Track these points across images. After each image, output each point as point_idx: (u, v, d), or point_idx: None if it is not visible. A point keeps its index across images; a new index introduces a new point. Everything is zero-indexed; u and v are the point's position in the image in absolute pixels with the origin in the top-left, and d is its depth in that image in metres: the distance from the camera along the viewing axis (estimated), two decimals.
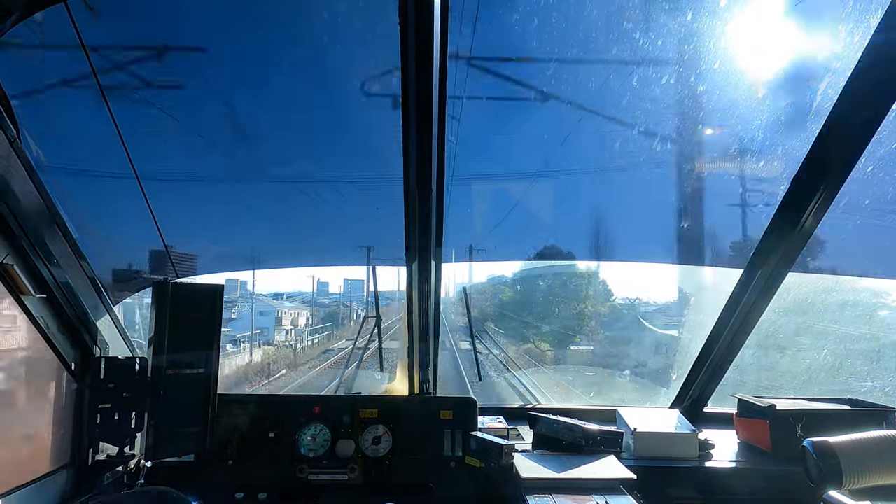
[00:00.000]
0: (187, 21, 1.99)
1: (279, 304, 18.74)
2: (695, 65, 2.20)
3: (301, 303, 20.71)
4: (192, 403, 1.88)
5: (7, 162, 1.52)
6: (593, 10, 2.20)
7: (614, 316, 12.97)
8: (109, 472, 1.83)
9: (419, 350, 2.38)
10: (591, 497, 1.59)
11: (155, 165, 2.18)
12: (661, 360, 5.97)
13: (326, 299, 22.97)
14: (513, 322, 15.57)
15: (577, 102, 2.55)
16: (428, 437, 2.09)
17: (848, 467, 1.38)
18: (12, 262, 1.56)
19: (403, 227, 2.08)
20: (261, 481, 1.98)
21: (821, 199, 1.92)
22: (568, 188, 3.33)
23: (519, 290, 16.56)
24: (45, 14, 1.47)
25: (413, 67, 1.57)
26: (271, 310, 17.82)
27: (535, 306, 15.01)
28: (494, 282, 16.57)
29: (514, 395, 6.04)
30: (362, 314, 15.17)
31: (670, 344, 5.32)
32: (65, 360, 1.82)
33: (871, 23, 1.61)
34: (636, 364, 7.25)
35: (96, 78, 1.67)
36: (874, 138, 1.76)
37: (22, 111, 1.56)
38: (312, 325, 20.14)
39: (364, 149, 2.62)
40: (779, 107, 2.23)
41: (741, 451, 2.26)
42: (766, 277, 2.19)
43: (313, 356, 14.11)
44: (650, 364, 6.34)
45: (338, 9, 2.03)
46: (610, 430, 2.03)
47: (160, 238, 2.07)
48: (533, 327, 14.75)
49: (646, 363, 6.65)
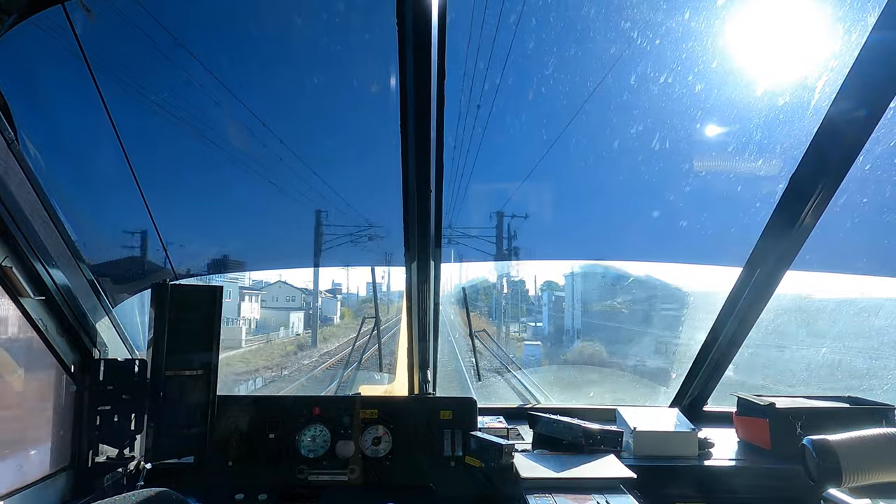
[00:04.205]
0: (185, 21, 1.99)
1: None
2: (692, 63, 2.20)
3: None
4: (192, 405, 1.88)
5: (5, 164, 1.51)
6: (591, 8, 2.20)
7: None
8: (109, 474, 1.82)
9: (419, 350, 2.38)
10: (592, 496, 1.59)
11: (154, 166, 2.18)
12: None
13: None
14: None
15: (576, 103, 2.56)
16: (428, 437, 2.09)
17: (847, 465, 1.38)
18: (11, 265, 1.56)
19: (402, 228, 2.08)
20: (261, 482, 1.97)
21: (819, 197, 1.92)
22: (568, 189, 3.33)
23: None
24: (43, 15, 1.47)
25: (411, 67, 1.57)
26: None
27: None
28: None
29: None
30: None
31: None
32: (64, 362, 1.81)
33: (869, 21, 1.62)
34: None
35: (94, 79, 1.67)
36: (872, 136, 1.76)
37: (20, 113, 1.56)
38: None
39: (364, 148, 2.62)
40: (776, 105, 2.23)
41: (741, 449, 2.26)
42: (764, 276, 2.19)
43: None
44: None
45: (337, 9, 2.03)
46: (610, 430, 2.03)
47: (159, 239, 2.07)
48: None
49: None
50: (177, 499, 1.37)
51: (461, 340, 11.92)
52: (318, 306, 18.39)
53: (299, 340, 18.18)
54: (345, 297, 24.30)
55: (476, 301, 19.87)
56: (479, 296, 20.10)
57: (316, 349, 16.90)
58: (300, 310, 19.60)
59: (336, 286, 24.79)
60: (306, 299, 20.51)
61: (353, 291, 24.93)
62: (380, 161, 2.39)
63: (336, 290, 24.38)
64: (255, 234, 3.14)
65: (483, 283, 19.76)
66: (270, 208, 2.93)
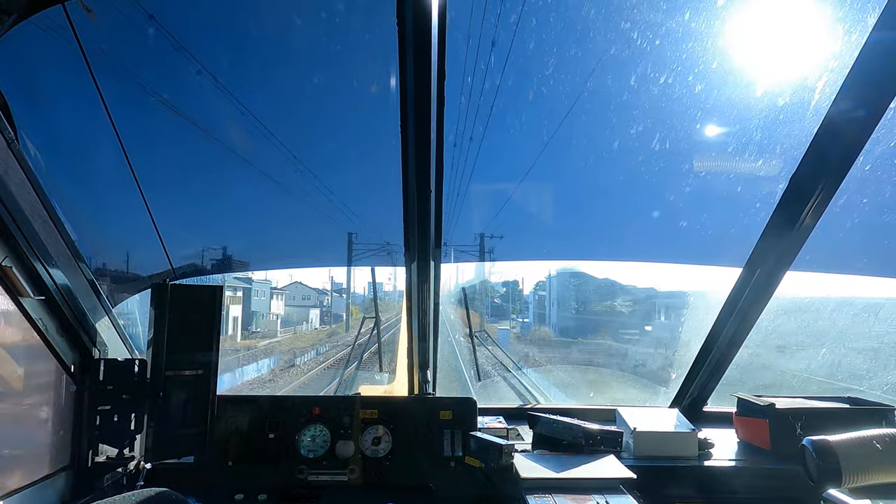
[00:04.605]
0: (185, 21, 1.99)
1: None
2: (693, 64, 2.20)
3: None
4: (192, 405, 1.88)
5: (5, 163, 1.51)
6: (591, 9, 2.20)
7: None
8: (109, 473, 1.82)
9: (419, 350, 2.38)
10: (591, 497, 1.59)
11: (154, 166, 2.18)
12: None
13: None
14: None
15: (575, 101, 2.56)
16: (428, 437, 2.09)
17: (847, 466, 1.38)
18: (11, 265, 1.56)
19: (402, 228, 2.08)
20: (260, 482, 1.97)
21: (819, 197, 1.92)
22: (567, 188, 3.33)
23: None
24: (43, 15, 1.47)
25: (411, 68, 1.57)
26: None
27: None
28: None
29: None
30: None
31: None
32: (64, 362, 1.81)
33: (869, 21, 1.62)
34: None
35: (94, 79, 1.67)
36: (872, 137, 1.76)
37: (20, 112, 1.56)
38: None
39: (364, 149, 2.62)
40: (777, 105, 2.23)
41: (741, 449, 2.26)
42: (764, 276, 2.19)
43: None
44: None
45: (336, 9, 2.03)
46: (609, 430, 2.03)
47: (159, 239, 2.07)
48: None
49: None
50: (176, 499, 1.37)
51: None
52: (348, 301, 20.24)
53: (330, 330, 21.37)
54: (353, 297, 26.00)
55: (473, 300, 21.08)
56: (475, 295, 21.33)
57: (347, 333, 19.69)
58: (316, 307, 22.47)
59: (336, 285, 26.30)
60: (319, 298, 23.13)
61: (359, 292, 26.03)
62: (380, 161, 2.40)
63: (341, 290, 25.62)
64: (257, 233, 3.14)
65: (481, 283, 21.27)
66: (273, 207, 2.93)
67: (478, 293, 21.52)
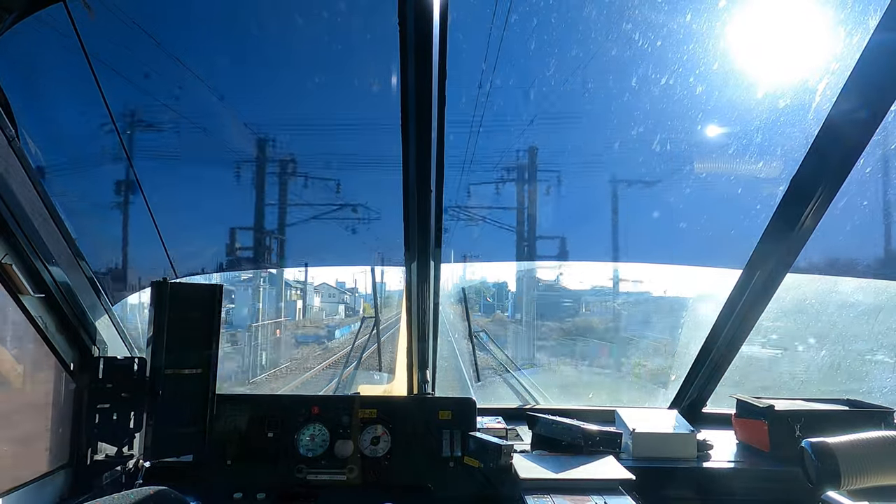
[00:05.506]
0: (186, 20, 1.99)
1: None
2: (694, 65, 2.20)
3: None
4: (191, 403, 1.88)
5: (6, 161, 1.51)
6: (593, 10, 2.20)
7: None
8: (108, 472, 1.82)
9: (418, 350, 2.38)
10: (590, 497, 1.59)
11: (155, 165, 2.18)
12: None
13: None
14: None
15: (574, 101, 2.56)
16: (427, 437, 2.09)
17: (846, 468, 1.38)
18: (11, 262, 1.56)
19: (403, 228, 2.08)
20: (259, 481, 1.97)
21: (819, 199, 1.92)
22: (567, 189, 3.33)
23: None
24: (44, 13, 1.47)
25: (412, 67, 1.56)
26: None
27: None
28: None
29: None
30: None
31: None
32: (63, 359, 1.81)
33: (870, 24, 1.62)
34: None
35: (95, 77, 1.67)
36: (873, 139, 1.76)
37: (21, 110, 1.56)
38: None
39: (363, 148, 2.62)
40: (778, 107, 2.23)
41: (740, 451, 2.26)
42: (764, 278, 2.19)
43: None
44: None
45: (338, 9, 2.03)
46: (608, 431, 2.03)
47: (159, 237, 2.07)
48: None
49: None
50: (175, 497, 1.37)
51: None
52: (379, 296, 23.30)
53: (355, 319, 25.39)
54: (360, 296, 29.28)
55: (469, 299, 22.76)
56: (471, 294, 23.16)
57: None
58: (341, 304, 27.45)
59: (339, 285, 29.25)
60: (341, 296, 27.50)
61: (367, 292, 28.10)
62: (379, 161, 2.40)
63: (354, 290, 29.01)
64: (257, 234, 3.14)
65: (476, 284, 23.27)
66: (274, 207, 2.93)
67: (474, 292, 23.01)
